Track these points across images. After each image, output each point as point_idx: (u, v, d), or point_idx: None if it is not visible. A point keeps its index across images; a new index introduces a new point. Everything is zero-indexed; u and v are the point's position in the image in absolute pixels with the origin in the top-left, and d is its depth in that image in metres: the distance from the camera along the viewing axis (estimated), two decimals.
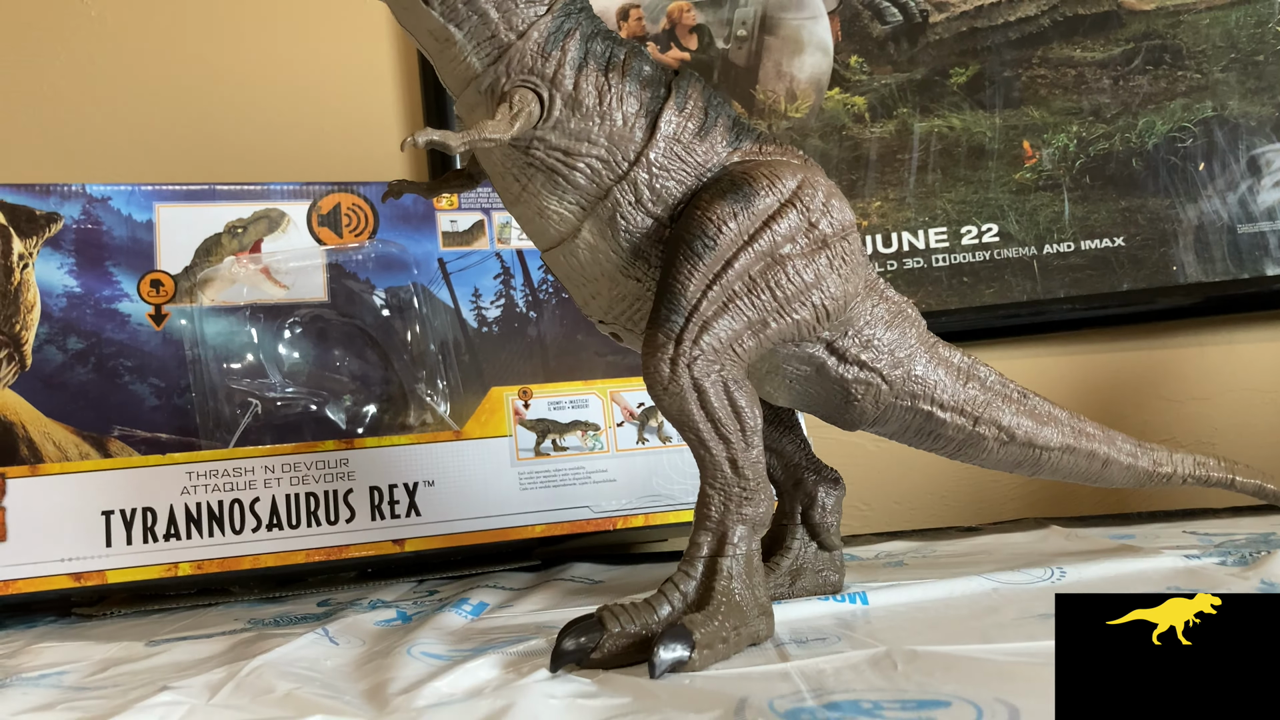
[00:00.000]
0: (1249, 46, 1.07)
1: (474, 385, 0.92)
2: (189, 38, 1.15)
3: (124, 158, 1.13)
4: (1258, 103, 1.06)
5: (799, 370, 0.60)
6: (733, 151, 0.57)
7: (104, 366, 0.87)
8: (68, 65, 1.15)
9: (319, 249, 0.93)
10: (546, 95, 0.54)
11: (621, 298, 0.58)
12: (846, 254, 0.56)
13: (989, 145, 1.09)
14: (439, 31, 0.54)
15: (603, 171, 0.55)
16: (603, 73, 0.55)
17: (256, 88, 1.15)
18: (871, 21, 1.11)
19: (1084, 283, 1.06)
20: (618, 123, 0.54)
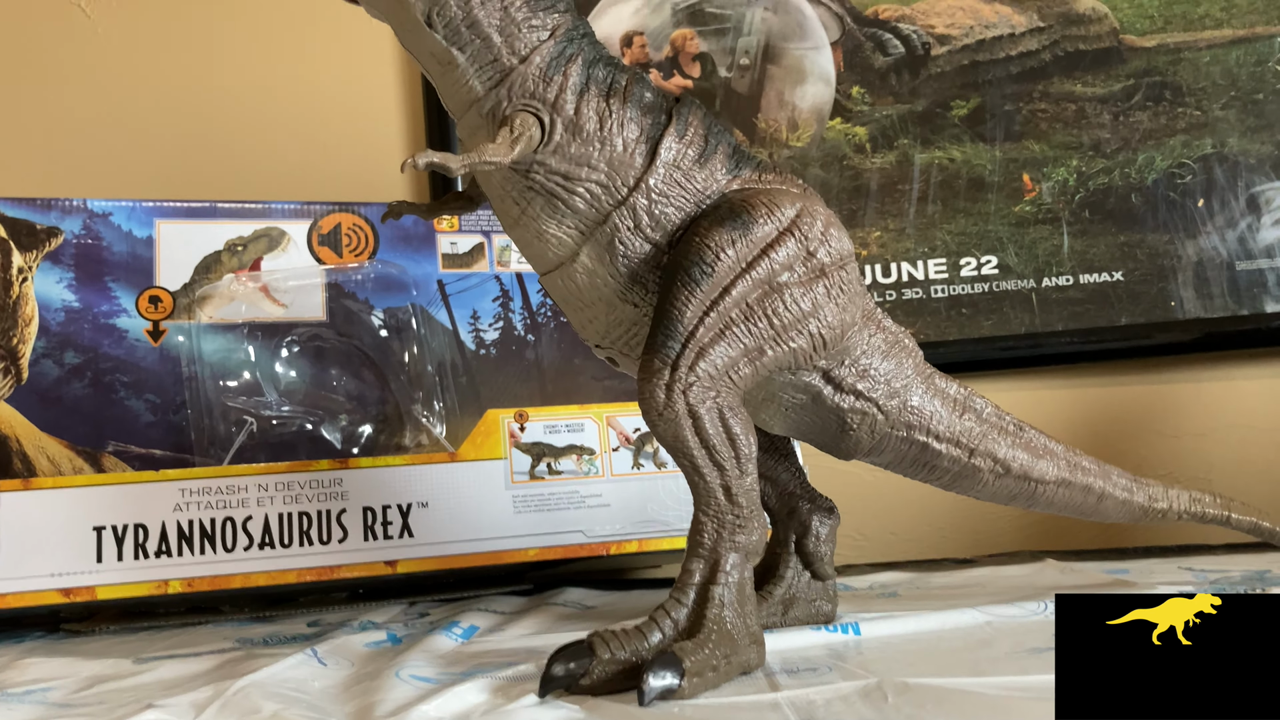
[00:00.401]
0: (1249, 85, 1.08)
1: (470, 407, 0.92)
2: (194, 55, 1.16)
3: (126, 174, 1.13)
4: (1257, 141, 1.07)
5: (795, 398, 0.60)
6: (732, 179, 0.57)
7: (100, 381, 0.87)
8: (72, 80, 1.16)
9: (318, 268, 0.93)
10: (548, 119, 0.54)
11: (618, 322, 0.58)
12: (844, 283, 0.56)
13: (989, 178, 1.09)
14: (441, 54, 0.55)
15: (602, 196, 0.55)
16: (604, 98, 0.55)
17: (260, 106, 1.15)
18: (874, 53, 1.11)
19: (1082, 316, 1.06)
20: (618, 148, 0.55)
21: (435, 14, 0.54)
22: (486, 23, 0.54)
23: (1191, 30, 1.09)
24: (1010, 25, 1.11)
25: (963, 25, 1.11)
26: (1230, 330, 1.05)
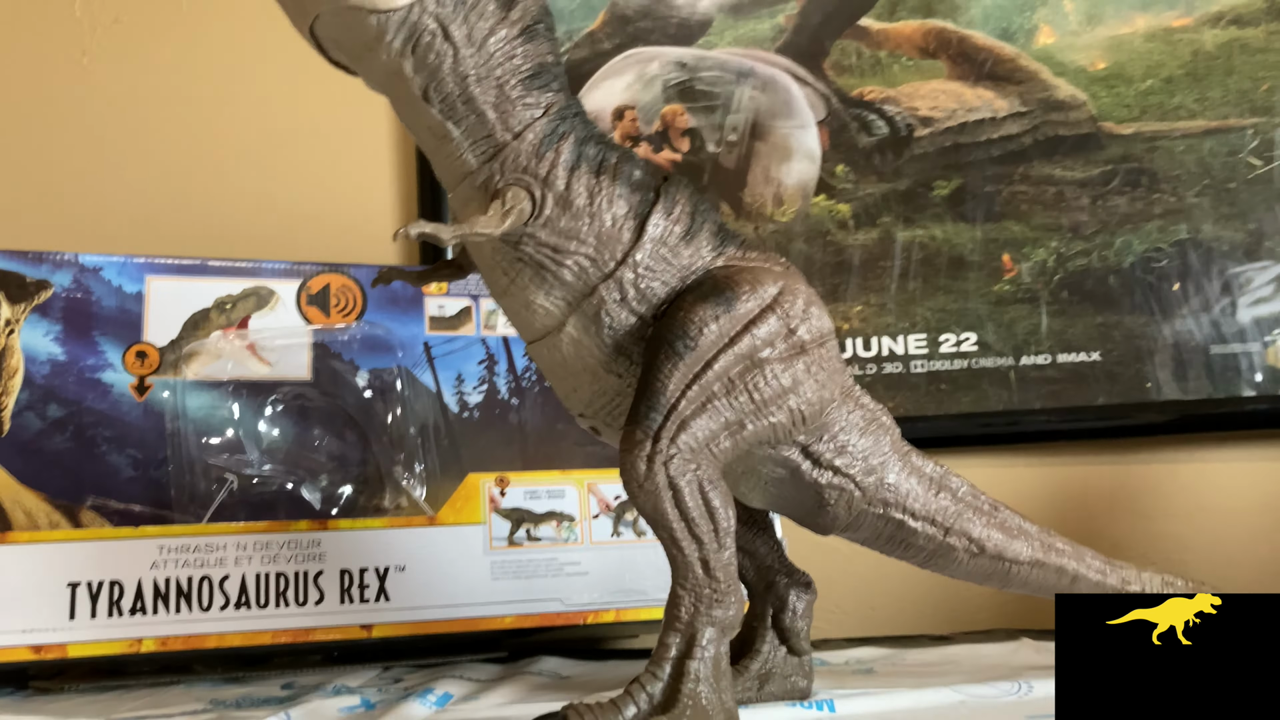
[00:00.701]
0: (1222, 174, 1.10)
1: (451, 470, 0.92)
2: (190, 112, 1.17)
3: (120, 229, 1.14)
4: (1230, 228, 1.09)
5: (774, 473, 0.60)
6: (717, 256, 0.58)
7: (82, 435, 0.87)
8: (68, 134, 1.17)
9: (306, 328, 0.93)
10: (539, 194, 0.55)
11: (602, 393, 0.59)
12: (824, 360, 0.58)
13: (969, 256, 1.11)
14: (437, 128, 0.56)
15: (590, 269, 0.56)
16: (594, 175, 0.56)
17: (256, 166, 1.17)
18: (858, 133, 1.14)
19: (1060, 395, 1.08)
20: (606, 223, 0.56)
21: (432, 89, 0.55)
22: (482, 99, 0.55)
23: (1167, 120, 1.12)
24: (992, 109, 1.13)
25: (945, 108, 1.14)
26: (1206, 413, 1.06)
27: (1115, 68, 1.14)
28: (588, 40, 1.16)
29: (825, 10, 1.16)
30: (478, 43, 0.55)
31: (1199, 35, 1.14)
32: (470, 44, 0.55)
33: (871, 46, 1.15)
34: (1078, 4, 1.15)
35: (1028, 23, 1.15)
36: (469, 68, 0.55)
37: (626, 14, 1.16)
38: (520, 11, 0.56)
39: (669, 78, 1.15)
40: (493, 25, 0.55)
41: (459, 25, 0.54)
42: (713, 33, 1.16)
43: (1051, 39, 1.14)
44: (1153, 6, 1.15)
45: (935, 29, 1.15)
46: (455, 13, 0.54)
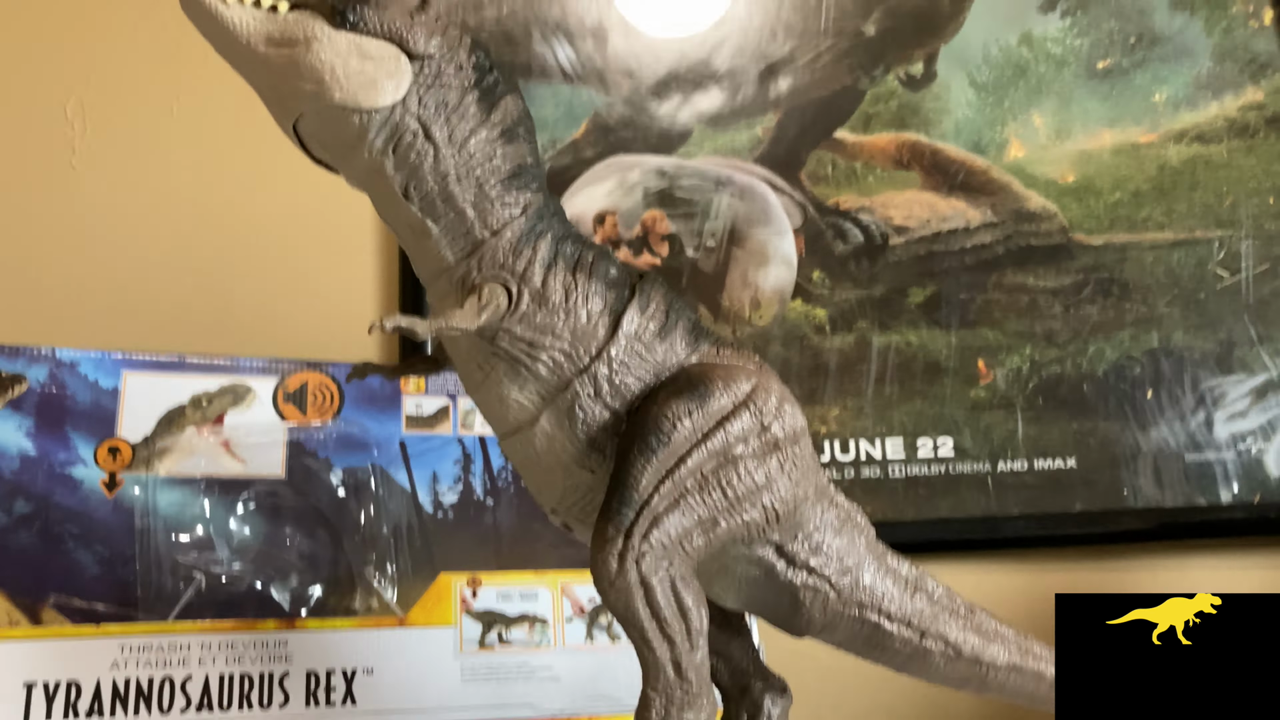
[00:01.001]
0: (1190, 284, 1.13)
1: (424, 570, 0.91)
2: (173, 209, 1.19)
3: (99, 323, 1.14)
4: (1200, 337, 1.11)
5: (748, 572, 0.60)
6: (691, 352, 0.59)
7: (49, 532, 0.85)
8: (51, 229, 1.18)
9: (281, 425, 0.93)
10: (515, 289, 0.56)
11: (575, 488, 0.58)
12: (798, 458, 0.58)
13: (945, 362, 1.12)
14: (416, 225, 0.57)
15: (564, 364, 0.56)
16: (571, 272, 0.57)
17: (239, 263, 1.18)
18: (834, 240, 1.16)
19: (1037, 501, 1.08)
20: (582, 319, 0.56)
21: (412, 187, 0.56)
22: (461, 197, 0.56)
23: (1136, 231, 1.15)
24: (965, 219, 1.16)
25: (919, 218, 1.16)
26: (1184, 520, 1.06)
27: (1084, 181, 1.17)
28: (571, 148, 1.19)
29: (802, 123, 1.19)
30: (459, 143, 0.56)
31: (1164, 151, 1.18)
32: (451, 144, 0.56)
33: (846, 158, 1.18)
34: (1047, 119, 1.19)
35: (999, 136, 1.18)
36: (449, 167, 0.56)
37: (609, 123, 1.19)
38: (501, 114, 0.58)
39: (649, 184, 1.18)
40: (474, 126, 0.57)
41: (440, 126, 0.56)
42: (692, 142, 1.19)
43: (1022, 152, 1.18)
44: (1119, 123, 1.18)
45: (908, 141, 1.18)
46: (437, 114, 0.55)
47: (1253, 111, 1.18)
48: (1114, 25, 1.21)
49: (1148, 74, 1.20)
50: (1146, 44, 1.20)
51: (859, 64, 1.20)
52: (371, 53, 0.54)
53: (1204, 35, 1.20)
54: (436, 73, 0.55)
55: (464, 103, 0.56)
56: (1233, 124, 1.18)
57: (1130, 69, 1.20)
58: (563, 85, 1.19)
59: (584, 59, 1.19)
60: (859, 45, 1.20)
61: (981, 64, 1.20)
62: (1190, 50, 1.20)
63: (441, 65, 0.56)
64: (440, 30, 0.56)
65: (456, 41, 0.57)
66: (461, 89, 0.56)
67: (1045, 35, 1.21)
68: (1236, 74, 1.19)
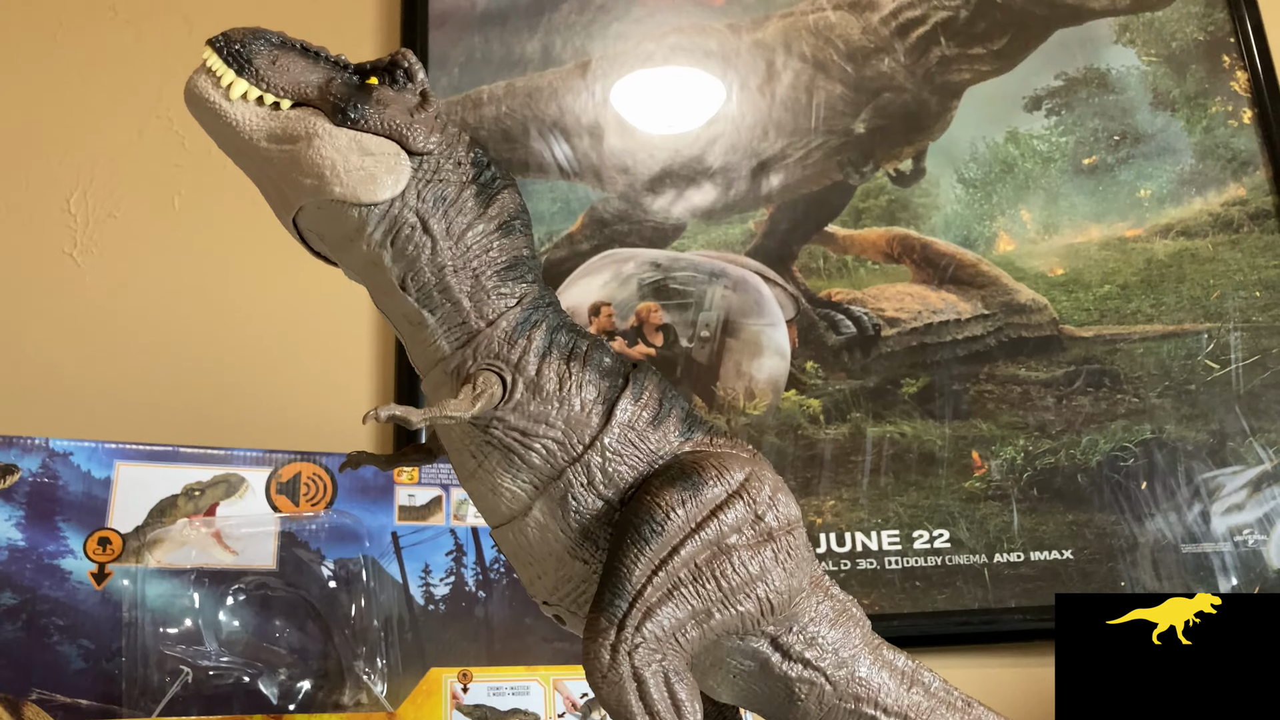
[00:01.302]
0: (1181, 376, 1.13)
1: (414, 665, 0.89)
2: (171, 302, 1.20)
3: (92, 413, 1.14)
4: (1193, 429, 1.11)
5: (743, 665, 0.59)
6: (684, 441, 0.59)
7: (34, 625, 0.84)
8: (50, 321, 1.19)
9: (273, 516, 0.92)
10: (510, 378, 0.56)
11: (568, 579, 0.58)
12: (792, 548, 0.57)
13: (939, 453, 1.12)
14: (413, 315, 0.58)
15: (558, 453, 0.56)
16: (565, 361, 0.57)
17: (232, 353, 1.18)
18: (827, 331, 1.17)
19: (1034, 594, 1.07)
20: (575, 408, 0.57)
21: (409, 279, 0.57)
22: (458, 289, 0.57)
23: (1125, 324, 1.16)
24: (956, 311, 1.17)
25: (911, 310, 1.17)
26: None
27: (1073, 274, 1.18)
28: (567, 241, 1.20)
29: (793, 217, 1.21)
30: (456, 236, 0.57)
31: (1150, 245, 1.20)
32: (448, 237, 0.57)
33: (838, 251, 1.20)
34: (1034, 214, 1.21)
35: (987, 231, 1.20)
36: (446, 259, 0.57)
37: (604, 218, 1.21)
38: (498, 209, 0.59)
39: (644, 276, 1.19)
40: (471, 220, 0.57)
41: (439, 219, 0.57)
42: (686, 236, 1.20)
43: (1011, 246, 1.20)
44: (1105, 218, 1.21)
45: (899, 235, 1.20)
46: (435, 208, 0.56)
47: (1236, 207, 1.20)
48: (1098, 124, 1.24)
49: (1132, 171, 1.22)
50: (1130, 142, 1.23)
51: (849, 161, 1.22)
52: (371, 149, 0.55)
53: (1185, 134, 1.23)
54: (435, 168, 0.57)
55: (462, 197, 0.57)
56: (1217, 219, 1.20)
57: (1115, 166, 1.23)
58: (560, 181, 1.22)
59: (580, 156, 1.22)
60: (849, 143, 1.23)
61: (969, 161, 1.23)
62: (1173, 148, 1.23)
63: (440, 161, 0.57)
64: (439, 128, 0.57)
65: (455, 138, 0.58)
66: (460, 184, 0.57)
67: (1031, 133, 1.24)
68: (1219, 171, 1.22)
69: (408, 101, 0.57)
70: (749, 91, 1.24)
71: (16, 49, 1.27)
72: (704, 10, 1.28)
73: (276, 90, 0.55)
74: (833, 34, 1.26)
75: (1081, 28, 1.27)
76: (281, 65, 0.55)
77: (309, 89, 0.55)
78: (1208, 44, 1.27)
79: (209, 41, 0.55)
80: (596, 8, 1.27)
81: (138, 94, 1.25)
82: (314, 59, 0.57)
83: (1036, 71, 1.26)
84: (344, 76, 0.56)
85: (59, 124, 1.25)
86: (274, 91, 0.55)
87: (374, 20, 1.30)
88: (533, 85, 1.24)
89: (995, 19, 1.26)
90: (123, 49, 1.28)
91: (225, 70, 0.55)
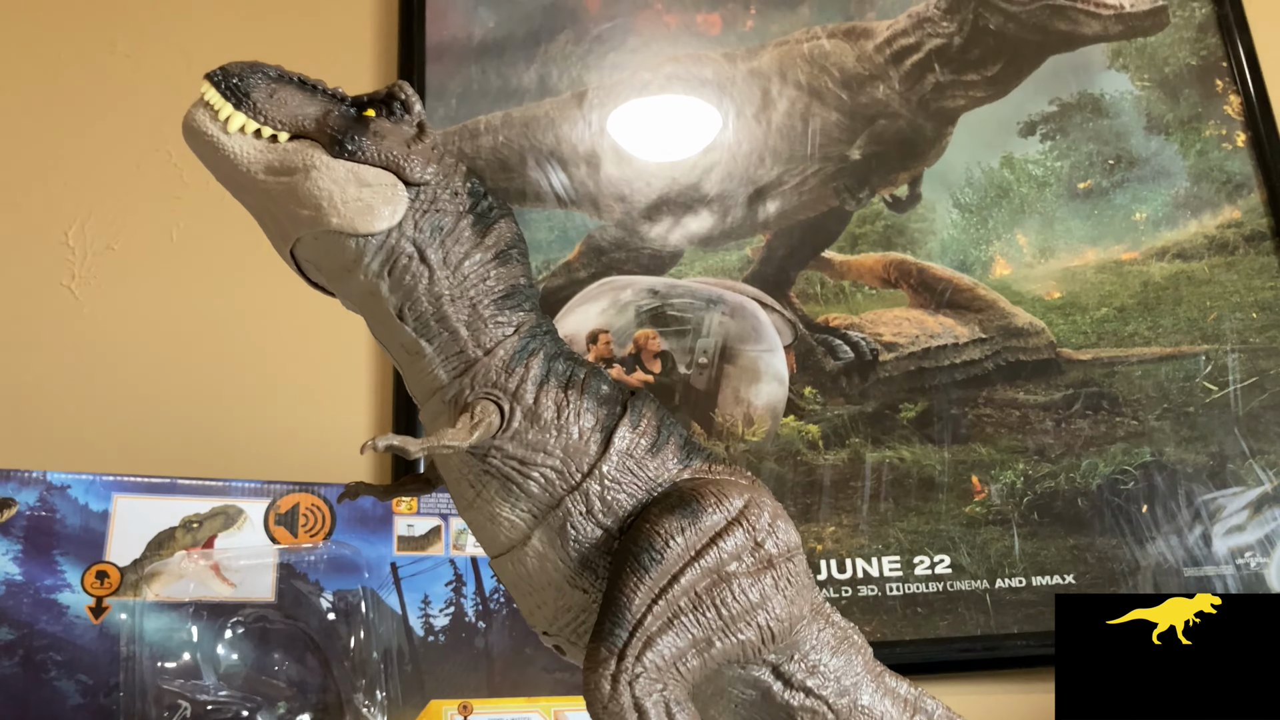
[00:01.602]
0: (1179, 398, 1.13)
1: (414, 697, 0.89)
2: (167, 332, 1.20)
3: (90, 446, 1.14)
4: (1192, 450, 1.11)
5: (744, 694, 0.59)
6: (683, 469, 0.59)
7: (31, 660, 0.84)
8: (47, 352, 1.19)
9: (271, 548, 0.92)
10: (508, 407, 0.56)
11: (567, 609, 0.58)
12: (792, 575, 0.57)
13: (939, 478, 1.12)
14: (410, 345, 0.58)
15: (556, 482, 0.56)
16: (563, 389, 0.57)
17: (229, 384, 1.18)
18: (825, 357, 1.17)
19: (1037, 619, 1.06)
20: (574, 436, 0.57)
21: (407, 308, 0.57)
22: (455, 318, 0.57)
23: (1122, 346, 1.16)
24: (954, 335, 1.17)
25: (909, 334, 1.18)
26: None
27: (1070, 297, 1.19)
28: (564, 269, 1.21)
29: (790, 244, 1.22)
30: (453, 265, 0.57)
31: (1147, 268, 1.20)
32: (445, 266, 0.57)
33: (835, 276, 1.20)
34: (1030, 238, 1.21)
35: (984, 255, 1.21)
36: (444, 288, 0.57)
37: (601, 245, 1.21)
38: (495, 238, 0.59)
39: (641, 304, 1.19)
40: (468, 250, 0.58)
41: (435, 249, 0.57)
42: (683, 263, 1.21)
43: (1007, 270, 1.20)
44: (1101, 241, 1.21)
45: (895, 260, 1.21)
46: (432, 238, 0.57)
47: (1231, 229, 1.21)
48: (1092, 148, 1.25)
49: (1127, 194, 1.23)
50: (1125, 165, 1.24)
51: (845, 187, 1.23)
52: (369, 180, 0.55)
53: (1180, 157, 1.24)
54: (432, 198, 0.57)
55: (459, 227, 0.57)
56: (1212, 241, 1.20)
57: (1110, 189, 1.23)
58: (557, 209, 1.22)
59: (577, 184, 1.23)
60: (845, 169, 1.24)
61: (965, 186, 1.23)
62: (1168, 171, 1.24)
63: (437, 191, 0.57)
64: (436, 159, 0.57)
65: (452, 169, 0.58)
66: (457, 214, 0.58)
67: (1026, 158, 1.24)
68: (1213, 193, 1.22)
69: (404, 133, 0.57)
70: (745, 119, 1.25)
71: (16, 83, 1.28)
72: (699, 39, 1.29)
73: (274, 123, 0.55)
74: (828, 62, 1.27)
75: (1074, 54, 1.28)
76: (279, 98, 0.56)
77: (306, 121, 0.56)
78: (1200, 68, 1.27)
79: (207, 75, 0.56)
80: (592, 38, 1.28)
81: (136, 127, 1.26)
82: (311, 92, 0.57)
83: (1030, 97, 1.26)
84: (341, 109, 0.57)
85: (58, 157, 1.25)
86: (271, 124, 0.55)
87: (372, 53, 1.31)
88: (529, 115, 1.25)
89: (988, 46, 1.27)
90: (121, 83, 1.28)
91: (223, 104, 0.55)
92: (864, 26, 1.28)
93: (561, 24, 1.29)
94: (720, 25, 1.29)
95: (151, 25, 1.31)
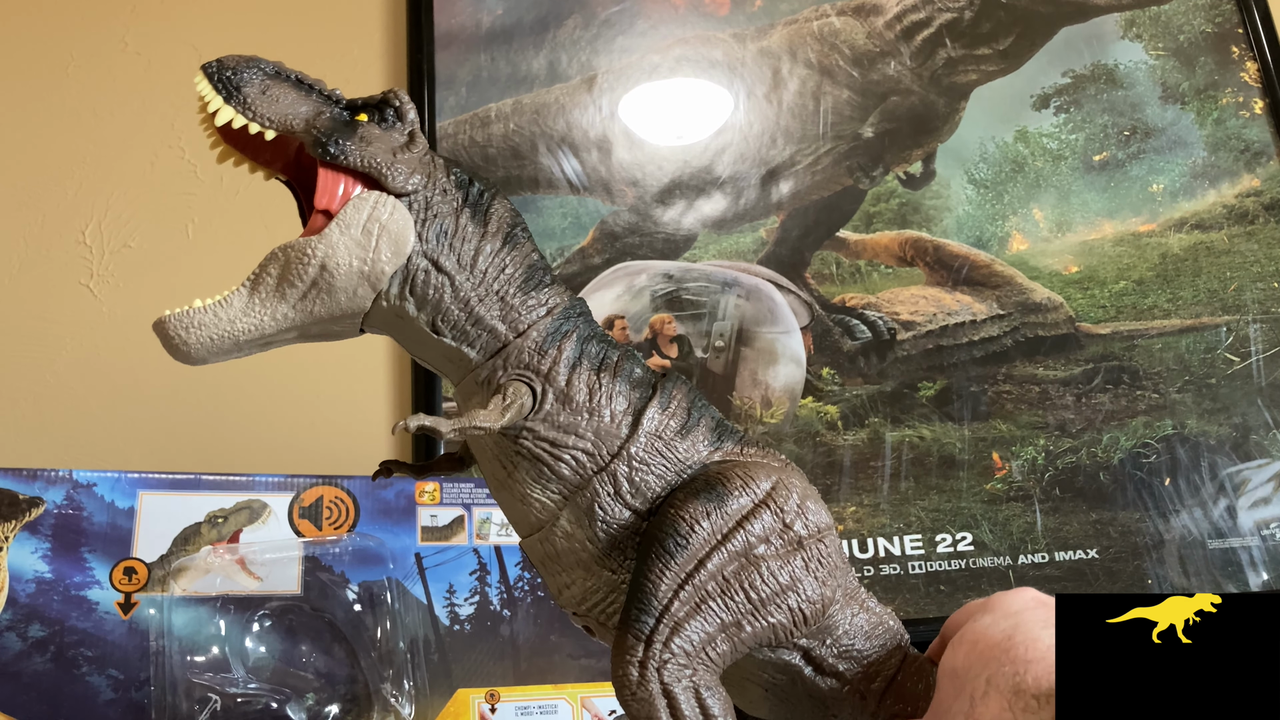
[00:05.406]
0: (1201, 370, 1.13)
1: (441, 686, 0.89)
2: None
3: (114, 444, 1.15)
4: (1214, 422, 1.11)
5: (775, 679, 0.59)
6: (714, 451, 0.58)
7: (63, 656, 0.84)
8: (68, 351, 1.19)
9: (296, 541, 0.92)
10: (540, 389, 0.56)
11: (595, 589, 0.58)
12: (823, 556, 0.57)
13: (959, 456, 1.12)
14: (453, 354, 0.57)
15: (586, 463, 0.56)
16: (595, 372, 0.57)
17: (250, 379, 1.19)
18: (842, 337, 1.17)
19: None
20: (605, 418, 0.56)
21: (440, 321, 0.56)
22: (489, 316, 0.56)
23: (1142, 319, 1.16)
24: (971, 313, 1.17)
25: (926, 312, 1.17)
26: None
27: (1088, 271, 1.18)
28: (578, 255, 1.20)
29: (804, 224, 1.21)
30: (468, 266, 0.57)
31: (1165, 240, 1.19)
32: (462, 269, 0.56)
33: (850, 256, 1.20)
34: (1047, 212, 1.21)
35: (1000, 231, 1.20)
36: (468, 291, 0.56)
37: (615, 231, 1.21)
38: (496, 223, 0.58)
39: (657, 288, 1.19)
40: (477, 244, 0.57)
41: (448, 256, 0.56)
42: (697, 246, 1.20)
43: (1024, 245, 1.19)
44: (1118, 213, 1.20)
45: (911, 239, 1.20)
46: (440, 245, 0.56)
47: (1250, 198, 1.20)
48: (1107, 120, 1.24)
49: (1144, 165, 1.22)
50: (1141, 137, 1.23)
51: (859, 165, 1.22)
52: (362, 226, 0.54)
53: (1196, 127, 1.23)
54: (425, 205, 0.56)
55: (460, 224, 0.57)
56: (1231, 211, 1.19)
57: (1126, 161, 1.22)
58: (569, 196, 1.22)
59: (589, 170, 1.22)
60: (858, 147, 1.23)
61: (979, 161, 1.22)
62: (1184, 141, 1.23)
63: (429, 197, 0.56)
64: (423, 169, 0.56)
65: (438, 168, 0.57)
66: (454, 212, 0.57)
67: (1040, 132, 1.23)
68: (1232, 162, 1.21)
69: (393, 141, 0.56)
70: (756, 100, 1.24)
71: (30, 84, 1.28)
72: (708, 21, 1.28)
73: (262, 120, 0.54)
74: (838, 39, 1.26)
75: (1087, 24, 1.27)
76: (271, 95, 0.55)
77: (295, 121, 0.55)
78: (1216, 36, 1.26)
79: (203, 67, 0.54)
80: (601, 23, 1.28)
81: (149, 125, 1.26)
82: (307, 91, 0.56)
83: (1043, 70, 1.25)
84: (333, 111, 0.55)
85: (73, 157, 1.25)
86: (260, 121, 0.54)
87: (380, 42, 1.30)
88: (540, 102, 1.25)
89: (1000, 19, 1.26)
90: (134, 81, 1.28)
91: (214, 96, 0.54)
92: (873, 3, 1.28)
93: (569, 9, 1.28)
94: (729, 5, 1.29)
95: (162, 22, 1.31)
